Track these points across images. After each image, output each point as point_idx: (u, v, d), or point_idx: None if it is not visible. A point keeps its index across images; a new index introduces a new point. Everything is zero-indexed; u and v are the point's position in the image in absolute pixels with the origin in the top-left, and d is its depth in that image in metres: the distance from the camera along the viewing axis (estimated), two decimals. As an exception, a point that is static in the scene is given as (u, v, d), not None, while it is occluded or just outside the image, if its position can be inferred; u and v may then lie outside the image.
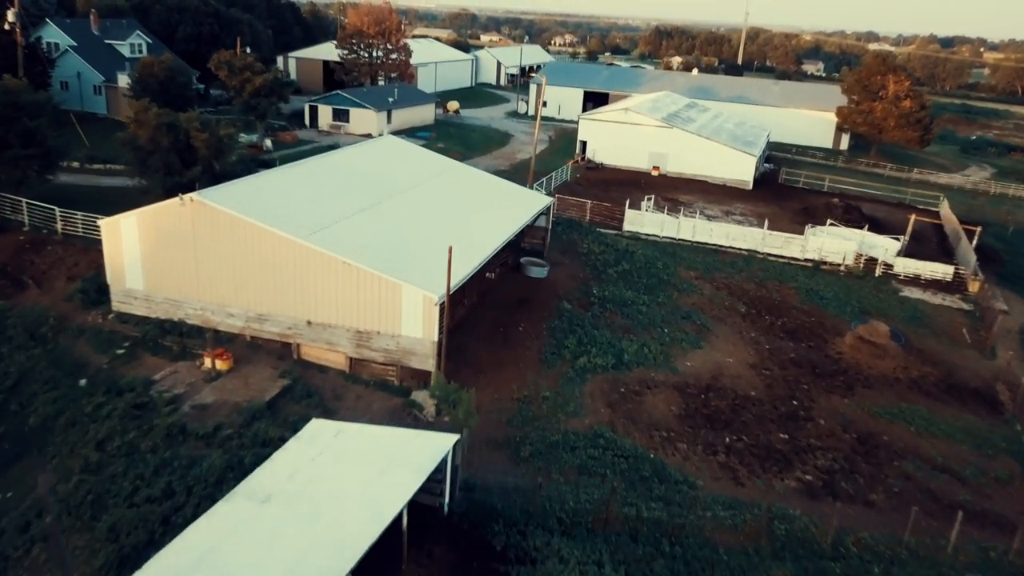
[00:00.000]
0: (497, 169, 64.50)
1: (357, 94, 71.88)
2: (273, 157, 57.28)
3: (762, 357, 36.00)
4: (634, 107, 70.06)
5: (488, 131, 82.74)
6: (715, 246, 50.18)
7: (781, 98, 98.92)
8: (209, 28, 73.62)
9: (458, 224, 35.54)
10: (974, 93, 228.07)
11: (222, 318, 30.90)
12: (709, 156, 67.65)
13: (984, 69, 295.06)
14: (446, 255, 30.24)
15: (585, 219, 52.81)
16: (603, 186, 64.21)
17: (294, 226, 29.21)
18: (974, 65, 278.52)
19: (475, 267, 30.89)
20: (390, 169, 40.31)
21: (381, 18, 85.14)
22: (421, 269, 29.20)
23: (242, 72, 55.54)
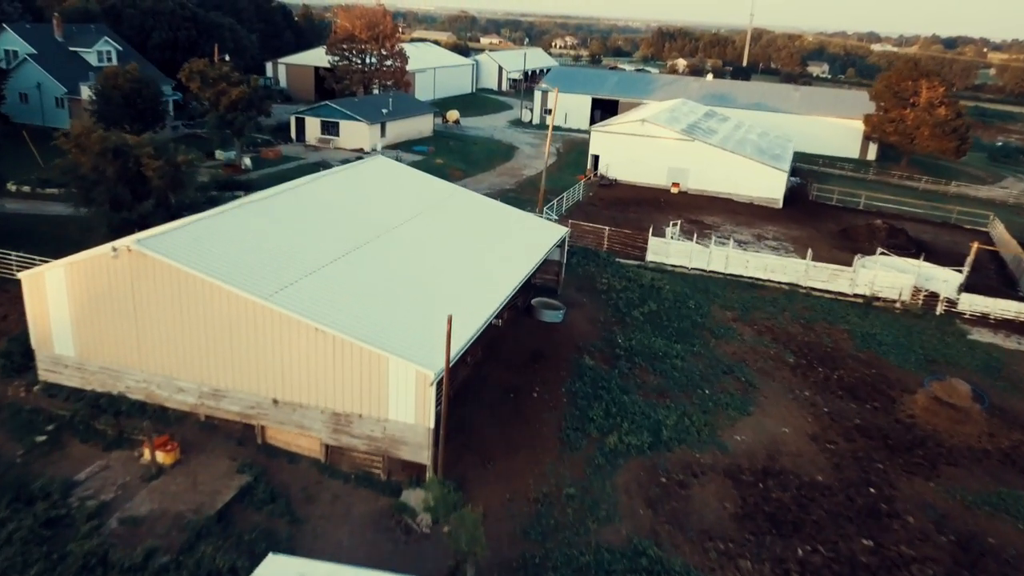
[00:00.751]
0: (502, 189, 59.10)
1: (348, 105, 66.44)
2: (251, 178, 51.89)
3: (822, 425, 30.45)
4: (650, 118, 64.61)
5: (490, 143, 77.29)
6: (751, 279, 44.66)
7: (803, 105, 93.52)
8: (186, 34, 68.25)
9: (459, 268, 30.04)
10: (982, 94, 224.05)
11: (170, 393, 25.37)
12: (735, 172, 62.19)
13: (990, 70, 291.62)
14: (444, 310, 24.83)
15: (603, 248, 47.29)
16: (619, 206, 58.70)
17: (256, 281, 23.71)
18: (980, 66, 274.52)
19: (480, 326, 25.40)
20: (379, 199, 34.83)
21: (375, 21, 79.72)
22: (414, 333, 23.71)
23: (216, 83, 50.08)
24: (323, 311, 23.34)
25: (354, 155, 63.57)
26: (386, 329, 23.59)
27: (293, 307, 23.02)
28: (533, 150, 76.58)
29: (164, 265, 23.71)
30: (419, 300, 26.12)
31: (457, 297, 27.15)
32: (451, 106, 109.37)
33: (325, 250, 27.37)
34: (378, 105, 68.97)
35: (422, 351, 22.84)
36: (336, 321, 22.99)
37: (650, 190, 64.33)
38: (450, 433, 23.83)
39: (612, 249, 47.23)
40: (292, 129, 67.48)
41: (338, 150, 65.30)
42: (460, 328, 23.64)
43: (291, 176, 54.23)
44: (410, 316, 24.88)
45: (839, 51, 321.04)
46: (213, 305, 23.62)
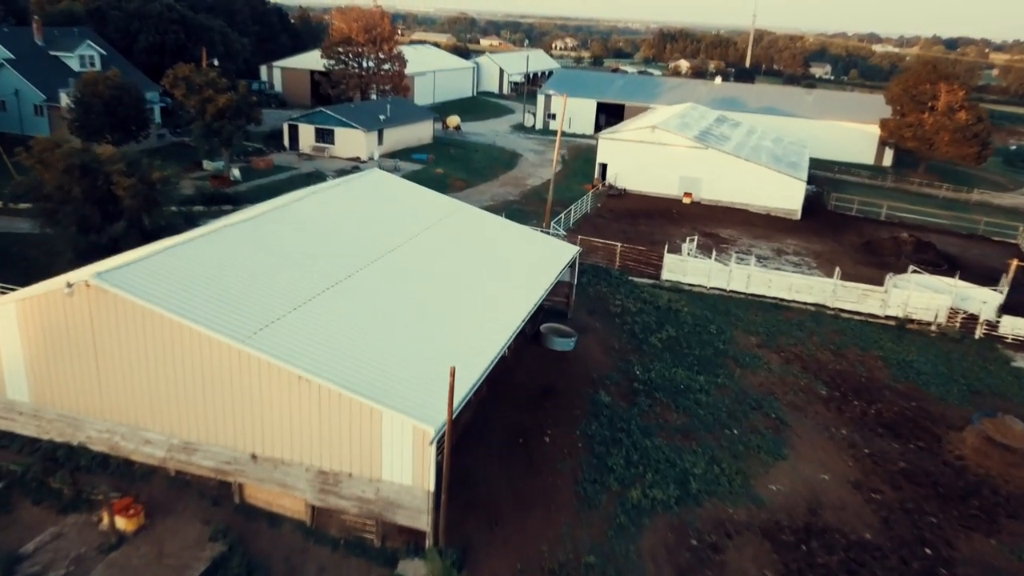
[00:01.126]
0: (506, 200, 56.31)
1: (343, 111, 63.67)
2: (240, 190, 49.10)
3: (864, 469, 27.62)
4: (661, 124, 61.82)
5: (493, 151, 74.50)
6: (775, 300, 41.85)
7: (816, 109, 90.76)
8: (174, 37, 65.51)
9: (463, 297, 27.28)
10: (986, 96, 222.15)
11: (136, 445, 22.55)
12: (751, 181, 59.38)
13: (992, 70, 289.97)
14: (446, 348, 22.10)
15: (615, 265, 44.46)
16: (629, 218, 55.88)
17: (233, 319, 20.94)
18: (983, 67, 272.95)
19: (486, 367, 22.66)
20: (374, 218, 32.08)
21: (371, 23, 76.96)
22: (412, 377, 20.98)
23: (202, 90, 47.28)
24: (308, 354, 20.54)
25: (350, 164, 60.81)
26: (380, 373, 20.79)
27: (274, 351, 20.22)
28: (537, 157, 73.79)
29: (127, 302, 20.92)
30: (418, 336, 23.32)
31: (460, 331, 24.40)
32: (451, 110, 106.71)
33: (313, 280, 24.56)
34: (375, 111, 66.21)
35: (421, 400, 20.05)
36: (322, 366, 20.19)
37: (661, 200, 61.52)
38: (452, 488, 21.02)
39: (625, 267, 44.41)
40: (285, 137, 64.70)
41: (333, 159, 62.50)
42: (464, 371, 20.93)
43: (282, 188, 51.54)
44: (408, 356, 22.06)
45: (841, 52, 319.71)
46: (183, 348, 20.83)
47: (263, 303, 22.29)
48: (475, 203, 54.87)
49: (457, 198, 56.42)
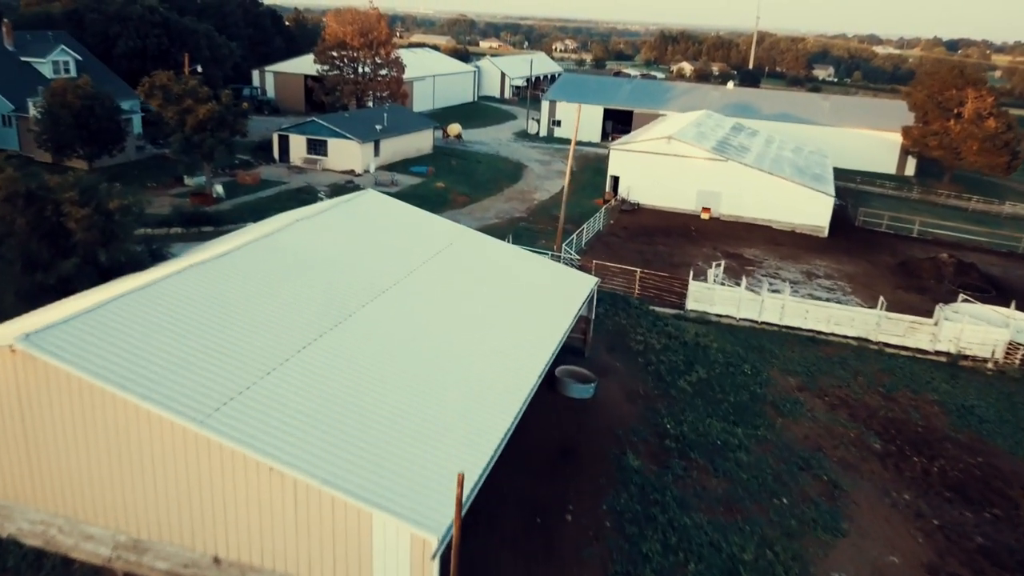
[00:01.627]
0: (512, 217, 52.57)
1: (337, 121, 59.90)
2: (222, 209, 45.31)
3: (937, 547, 23.82)
4: (677, 134, 58.08)
5: (496, 161, 70.73)
6: (812, 333, 38.05)
7: (833, 115, 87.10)
8: (156, 41, 61.75)
9: (469, 345, 23.59)
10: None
11: (76, 540, 18.76)
12: (774, 195, 55.69)
13: (995, 72, 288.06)
14: (451, 419, 18.52)
15: (634, 292, 40.65)
16: (645, 236, 52.11)
17: (192, 391, 17.26)
18: (986, 68, 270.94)
19: (500, 440, 19.00)
20: (368, 250, 28.35)
21: (367, 26, 73.20)
22: (410, 465, 17.26)
23: (181, 100, 43.51)
24: (283, 435, 16.80)
25: (344, 178, 57.03)
26: (372, 459, 17.03)
27: (239, 432, 16.47)
28: (543, 168, 70.05)
29: (60, 372, 17.13)
30: (419, 402, 19.56)
31: (469, 391, 20.70)
32: (452, 116, 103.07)
33: (294, 331, 20.78)
34: (371, 120, 62.43)
35: (421, 495, 16.28)
36: (300, 451, 16.45)
37: (678, 216, 57.75)
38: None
39: (645, 295, 40.62)
40: (275, 148, 60.89)
41: (326, 172, 58.71)
42: (470, 445, 17.22)
43: (269, 207, 47.75)
44: (406, 431, 18.28)
45: (843, 54, 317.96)
46: (128, 428, 17.11)
47: (232, 365, 18.52)
48: (479, 220, 51.20)
49: (460, 215, 52.92)
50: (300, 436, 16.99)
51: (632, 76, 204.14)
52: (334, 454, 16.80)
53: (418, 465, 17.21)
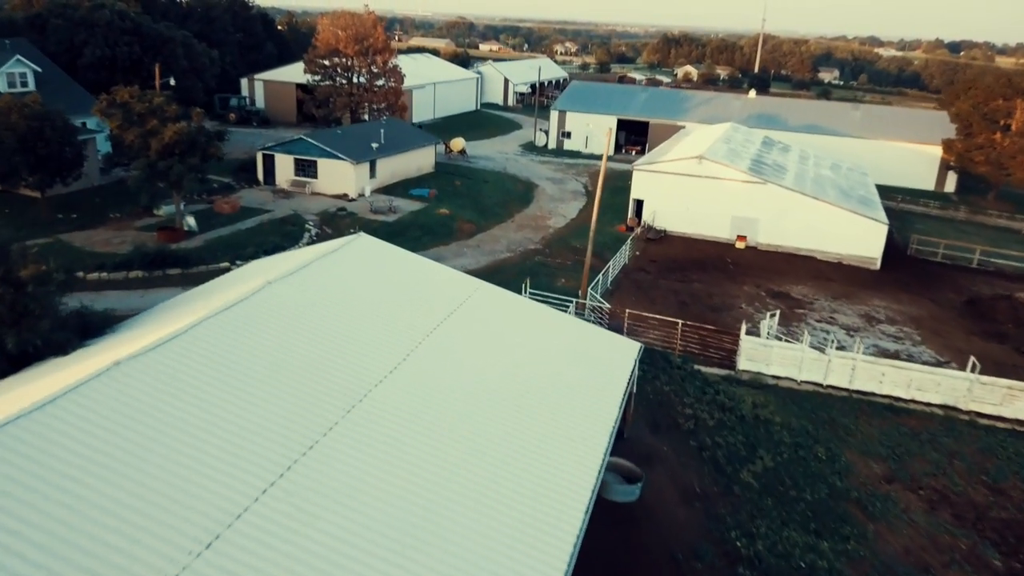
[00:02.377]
0: (526, 249, 46.80)
1: (328, 139, 54.08)
2: (192, 247, 39.47)
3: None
4: (708, 153, 52.32)
5: (504, 180, 64.90)
6: (889, 399, 32.22)
7: (865, 127, 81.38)
8: (127, 50, 55.95)
9: (497, 453, 17.83)
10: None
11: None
12: (820, 223, 49.98)
13: None
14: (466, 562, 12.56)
15: (674, 348, 34.78)
16: (676, 271, 46.30)
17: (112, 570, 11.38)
18: (992, 71, 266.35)
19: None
20: (362, 317, 22.76)
21: (363, 32, 67.40)
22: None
23: (145, 120, 37.69)
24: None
25: (335, 204, 51.19)
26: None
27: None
28: (556, 188, 64.24)
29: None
30: (421, 538, 13.66)
31: (498, 521, 14.87)
32: (453, 126, 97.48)
33: (261, 454, 14.95)
34: (367, 137, 56.62)
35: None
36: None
37: (709, 245, 51.96)
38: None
39: (689, 351, 34.74)
40: (259, 168, 55.01)
41: (316, 197, 52.85)
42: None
43: (247, 242, 41.96)
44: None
45: (847, 56, 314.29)
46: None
47: (177, 516, 12.75)
48: (489, 254, 45.39)
49: (467, 248, 47.10)
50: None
51: (638, 80, 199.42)
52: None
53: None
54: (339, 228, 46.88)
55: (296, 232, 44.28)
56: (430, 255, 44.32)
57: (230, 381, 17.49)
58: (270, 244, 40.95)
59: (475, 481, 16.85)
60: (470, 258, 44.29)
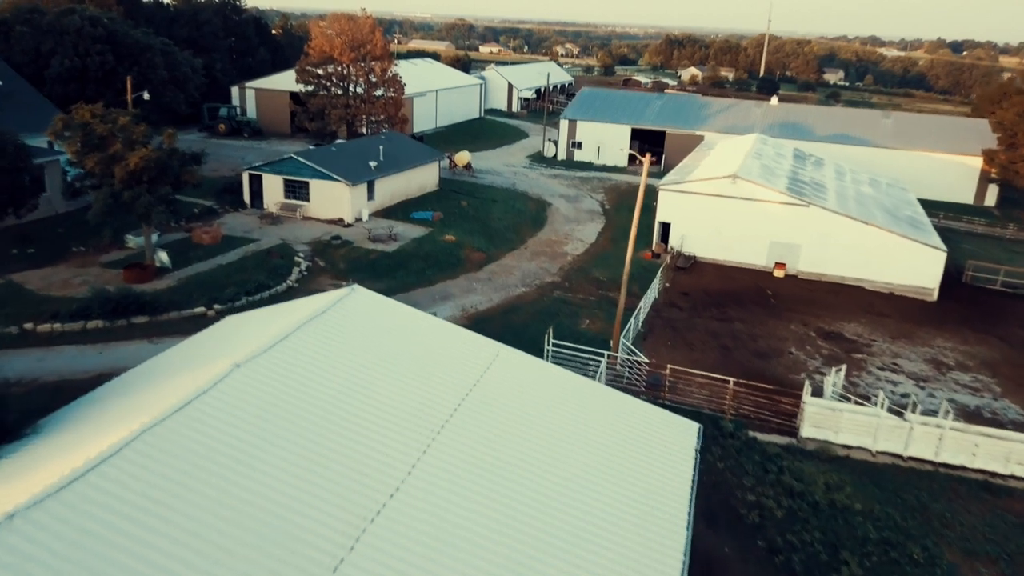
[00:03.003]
0: (542, 282, 41.95)
1: (321, 157, 49.10)
2: (163, 288, 34.54)
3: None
4: (741, 171, 47.43)
5: (514, 198, 59.93)
6: (983, 475, 27.25)
7: (897, 136, 76.42)
8: (99, 59, 50.99)
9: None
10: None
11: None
12: (869, 249, 45.16)
13: (1004, 75, 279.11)
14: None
15: (725, 410, 29.77)
16: (714, 307, 41.37)
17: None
18: (998, 71, 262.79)
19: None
20: (359, 401, 18.18)
21: (359, 38, 62.45)
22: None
23: (107, 143, 32.75)
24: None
25: (329, 231, 46.26)
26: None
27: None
28: (570, 207, 59.26)
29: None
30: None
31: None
32: (457, 136, 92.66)
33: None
34: (364, 154, 51.66)
35: None
36: None
37: (745, 273, 47.01)
38: None
39: (741, 412, 29.75)
40: (245, 190, 49.99)
41: (308, 222, 47.89)
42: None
43: (227, 280, 36.96)
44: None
45: (851, 57, 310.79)
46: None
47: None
48: (502, 289, 40.37)
49: (477, 282, 42.00)
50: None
51: (643, 83, 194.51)
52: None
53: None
54: (333, 260, 41.92)
55: (284, 266, 39.32)
56: (436, 292, 39.41)
57: (179, 499, 12.51)
58: (253, 283, 36.02)
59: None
60: (481, 295, 39.34)
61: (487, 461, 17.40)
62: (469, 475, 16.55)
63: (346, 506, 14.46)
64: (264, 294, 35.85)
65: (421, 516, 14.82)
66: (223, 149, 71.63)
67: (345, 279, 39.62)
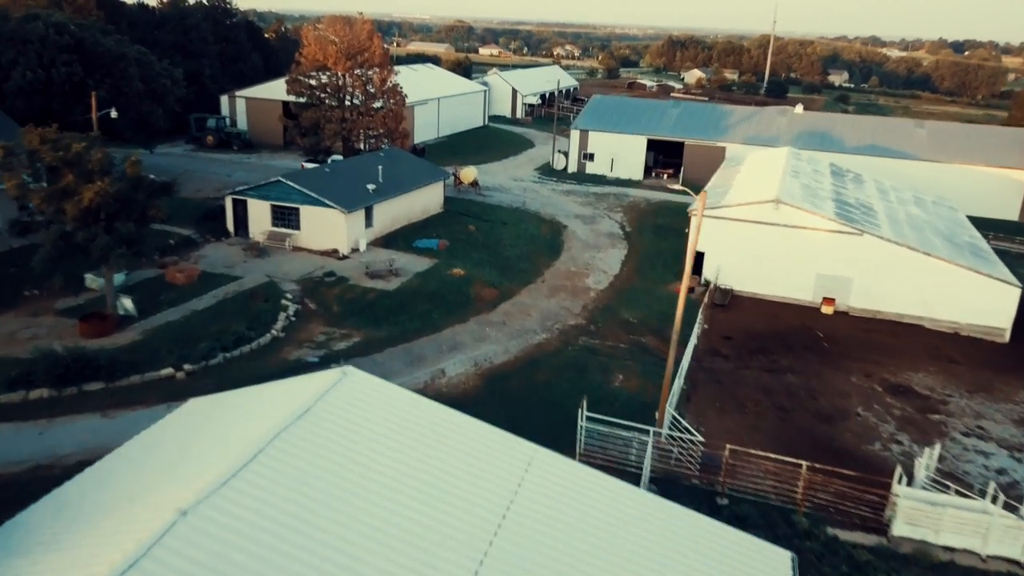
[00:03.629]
0: (565, 325, 37.10)
1: (313, 181, 43.96)
2: (125, 344, 29.51)
3: None
4: (784, 195, 42.45)
5: (525, 220, 54.86)
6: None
7: (932, 146, 71.46)
8: (66, 70, 45.86)
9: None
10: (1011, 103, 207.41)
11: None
12: (930, 284, 40.29)
13: (1009, 75, 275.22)
14: None
15: (797, 500, 24.65)
16: (759, 351, 36.40)
17: None
18: (1003, 72, 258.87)
19: None
20: (354, 546, 12.62)
21: (356, 45, 57.33)
22: None
23: (59, 175, 27.71)
24: None
25: (322, 264, 41.16)
26: None
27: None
28: (588, 230, 54.16)
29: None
30: None
31: None
32: (460, 146, 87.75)
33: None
34: (362, 175, 46.57)
35: None
36: None
37: (789, 310, 41.99)
38: None
39: (816, 502, 24.61)
40: (228, 217, 44.86)
41: (298, 253, 42.80)
42: None
43: (202, 331, 31.83)
44: None
45: (854, 58, 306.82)
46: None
47: None
48: (519, 336, 35.17)
49: (489, 326, 36.52)
50: None
51: (648, 87, 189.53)
52: None
53: None
54: (325, 301, 36.81)
55: (269, 312, 34.21)
56: (444, 340, 34.28)
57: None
58: (231, 336, 30.95)
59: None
60: (496, 343, 34.23)
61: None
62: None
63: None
64: (245, 348, 30.78)
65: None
66: (209, 165, 66.59)
67: (339, 326, 34.53)
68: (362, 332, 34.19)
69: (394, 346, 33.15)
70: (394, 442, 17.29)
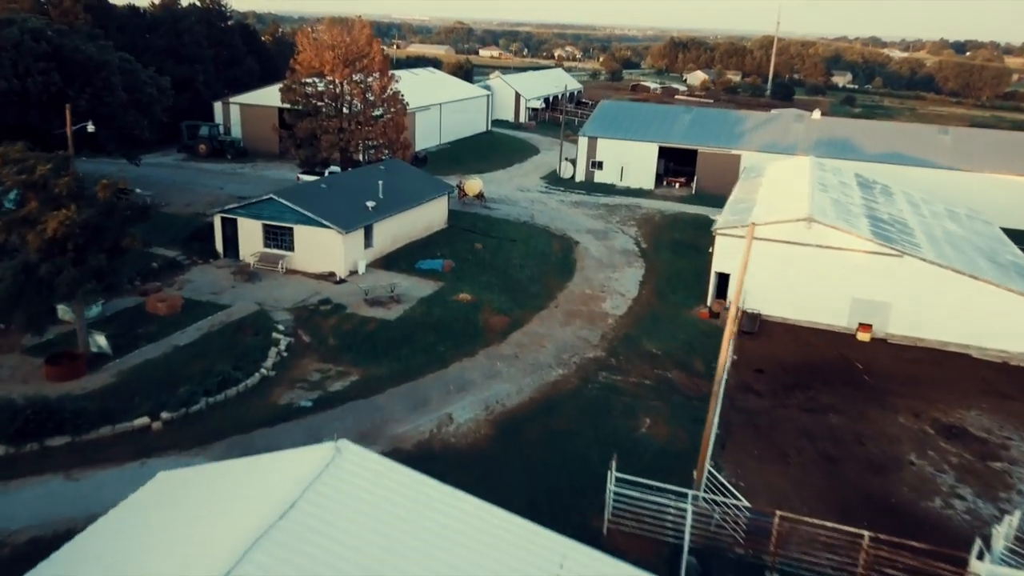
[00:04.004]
0: (583, 358, 34.13)
1: (308, 198, 40.86)
2: (92, 390, 26.47)
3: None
4: (816, 212, 39.37)
5: (534, 234, 51.79)
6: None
7: (958, 154, 68.38)
8: (43, 79, 42.76)
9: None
10: (1022, 105, 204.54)
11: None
12: (976, 308, 37.23)
13: (1013, 76, 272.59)
14: None
15: (857, 573, 21.61)
16: (795, 386, 33.32)
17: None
18: (1007, 72, 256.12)
19: None
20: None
21: (354, 50, 54.23)
22: None
23: (22, 202, 24.67)
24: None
25: (317, 290, 38.08)
26: None
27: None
28: (601, 246, 51.02)
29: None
30: None
31: None
32: (463, 153, 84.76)
33: None
34: (360, 191, 43.48)
35: None
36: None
37: (822, 337, 38.91)
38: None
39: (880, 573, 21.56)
40: (217, 236, 41.78)
41: (292, 277, 39.72)
42: None
43: (183, 373, 28.71)
44: None
45: (857, 59, 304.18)
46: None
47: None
48: (534, 371, 31.96)
49: (500, 359, 32.98)
50: None
51: (652, 89, 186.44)
52: None
53: None
54: (321, 333, 33.72)
55: (258, 347, 31.13)
56: (451, 378, 31.18)
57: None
58: (216, 378, 27.89)
59: None
60: (508, 381, 31.12)
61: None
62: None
63: None
64: (230, 392, 27.72)
65: None
66: (201, 175, 63.56)
67: (335, 362, 31.46)
68: (360, 369, 31.10)
69: (396, 385, 30.08)
70: (398, 542, 14.28)
